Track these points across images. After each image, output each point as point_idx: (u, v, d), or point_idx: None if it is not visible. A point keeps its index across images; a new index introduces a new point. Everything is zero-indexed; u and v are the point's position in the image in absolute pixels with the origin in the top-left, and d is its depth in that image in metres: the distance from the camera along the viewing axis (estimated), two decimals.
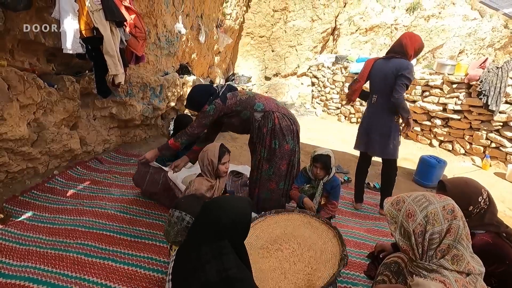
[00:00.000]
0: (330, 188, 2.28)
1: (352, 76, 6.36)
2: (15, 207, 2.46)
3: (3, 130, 2.35)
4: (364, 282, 1.84)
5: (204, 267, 0.93)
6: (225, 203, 1.06)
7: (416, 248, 1.11)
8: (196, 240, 1.00)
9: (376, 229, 2.51)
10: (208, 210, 1.05)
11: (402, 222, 1.15)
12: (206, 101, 2.25)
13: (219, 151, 1.97)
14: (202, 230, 1.01)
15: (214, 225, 0.99)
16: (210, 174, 1.99)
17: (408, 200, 1.18)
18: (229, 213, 1.01)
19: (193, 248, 0.99)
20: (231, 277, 0.92)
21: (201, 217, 1.04)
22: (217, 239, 0.97)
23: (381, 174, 2.80)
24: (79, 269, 1.80)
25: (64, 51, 2.17)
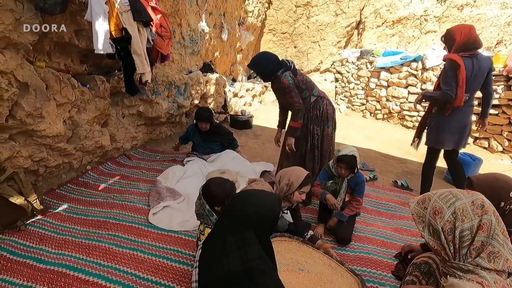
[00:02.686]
0: (354, 185, 2.22)
1: (378, 71, 6.14)
2: (52, 199, 2.64)
3: (42, 127, 2.51)
4: (391, 283, 1.78)
5: (228, 256, 0.94)
6: (253, 196, 1.06)
7: (448, 247, 1.06)
8: (223, 229, 1.02)
9: (405, 228, 2.41)
10: (236, 201, 1.06)
11: (430, 221, 1.11)
12: (277, 71, 2.41)
13: (304, 179, 1.82)
14: (229, 220, 1.03)
15: (240, 216, 1.01)
16: (281, 193, 1.85)
17: (434, 198, 1.13)
18: (256, 205, 1.02)
19: (219, 237, 1.01)
20: (254, 268, 0.92)
21: (229, 208, 1.06)
22: (242, 229, 0.98)
23: (452, 172, 3.00)
24: (111, 258, 1.89)
25: (96, 51, 2.27)
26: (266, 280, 0.93)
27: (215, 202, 1.60)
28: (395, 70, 5.79)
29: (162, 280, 1.73)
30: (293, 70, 2.45)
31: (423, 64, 5.24)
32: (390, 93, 5.83)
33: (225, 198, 1.58)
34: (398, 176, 3.56)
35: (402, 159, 4.16)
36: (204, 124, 3.13)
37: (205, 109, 3.25)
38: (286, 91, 2.40)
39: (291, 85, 2.38)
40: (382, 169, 3.73)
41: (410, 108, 5.52)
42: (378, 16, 7.30)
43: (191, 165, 3.08)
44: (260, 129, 5.17)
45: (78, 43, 2.80)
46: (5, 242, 2.03)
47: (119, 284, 1.68)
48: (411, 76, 5.50)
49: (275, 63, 2.44)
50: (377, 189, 3.13)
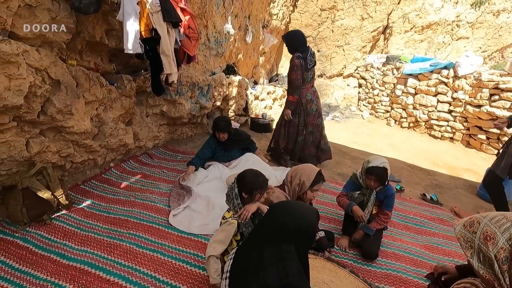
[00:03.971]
0: (383, 197, 2.10)
1: (405, 78, 5.91)
2: (77, 194, 2.69)
3: (70, 124, 2.57)
4: None
5: (266, 269, 0.91)
6: (294, 209, 1.02)
7: (502, 278, 0.95)
8: (260, 240, 0.98)
9: (435, 246, 2.26)
10: (276, 212, 1.02)
11: (480, 247, 0.99)
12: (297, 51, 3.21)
13: (315, 177, 1.79)
14: (268, 231, 0.99)
15: (280, 228, 0.97)
16: (294, 194, 1.83)
17: (484, 221, 1.01)
18: (298, 218, 0.98)
19: (256, 248, 0.97)
20: (292, 284, 0.88)
21: (268, 219, 1.02)
22: (282, 242, 0.94)
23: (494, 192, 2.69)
24: (131, 258, 1.89)
25: (126, 51, 2.30)
26: None
27: (244, 188, 1.60)
28: (423, 77, 5.55)
29: (182, 285, 1.70)
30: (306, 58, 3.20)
31: (455, 72, 4.98)
32: (418, 101, 5.60)
33: (254, 189, 1.59)
34: (426, 188, 3.38)
35: (430, 170, 3.96)
36: (222, 134, 3.05)
37: (222, 119, 3.14)
38: (294, 69, 3.16)
39: (298, 66, 3.15)
40: (408, 181, 3.56)
41: (439, 117, 5.27)
42: (407, 21, 7.05)
43: (212, 169, 3.05)
44: None
45: (108, 42, 2.86)
46: (31, 235, 2.08)
47: (139, 286, 1.67)
48: (441, 84, 5.25)
49: (301, 44, 3.23)
50: (404, 202, 2.98)
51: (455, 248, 2.24)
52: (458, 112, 4.99)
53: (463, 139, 5.03)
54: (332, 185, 3.25)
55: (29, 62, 2.05)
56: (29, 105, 2.18)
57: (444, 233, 2.45)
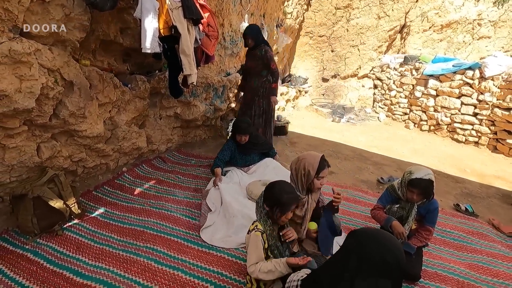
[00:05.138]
0: (425, 212, 1.91)
1: (425, 79, 5.66)
2: (89, 201, 2.55)
3: (83, 127, 2.43)
4: None
5: None
6: (386, 239, 0.90)
7: None
8: (348, 272, 0.86)
9: (480, 265, 2.05)
10: (369, 241, 0.90)
11: None
12: (262, 42, 3.38)
13: (319, 163, 1.69)
14: (360, 262, 0.87)
15: (378, 261, 0.85)
16: (302, 186, 1.73)
17: None
18: (395, 251, 0.87)
19: (342, 279, 0.87)
20: None
21: (358, 248, 0.89)
22: (379, 277, 0.84)
23: None
24: (150, 277, 1.73)
25: (143, 50, 2.14)
26: None
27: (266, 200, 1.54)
28: (445, 78, 5.30)
29: None
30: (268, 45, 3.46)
31: (481, 73, 4.72)
32: (439, 103, 5.34)
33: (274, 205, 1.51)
34: (457, 198, 3.16)
35: (458, 178, 3.73)
36: (244, 137, 2.88)
37: (243, 120, 2.97)
38: (272, 60, 3.34)
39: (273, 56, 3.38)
40: (437, 189, 3.24)
41: (463, 120, 5.01)
42: (426, 19, 6.79)
43: (231, 175, 2.88)
44: (297, 136, 4.91)
45: (123, 41, 2.71)
46: (42, 248, 1.94)
47: None
48: (465, 85, 4.99)
49: (262, 37, 3.44)
50: (440, 214, 2.75)
51: (504, 268, 2.02)
52: (484, 115, 4.73)
53: (489, 143, 4.76)
54: (356, 193, 3.05)
55: (41, 62, 1.91)
56: (40, 108, 2.04)
57: (488, 250, 2.24)
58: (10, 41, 1.68)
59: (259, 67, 3.37)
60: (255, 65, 3.38)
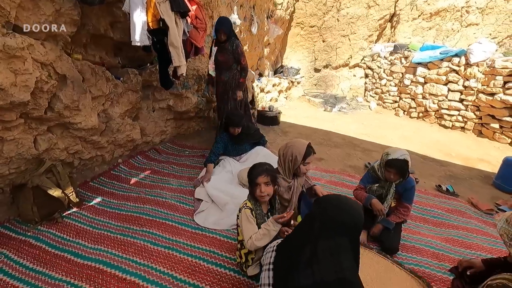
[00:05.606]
0: (402, 190, 2.04)
1: (414, 67, 5.77)
2: (86, 191, 2.65)
3: (78, 120, 2.51)
4: None
5: (320, 262, 0.91)
6: (345, 203, 1.03)
7: None
8: (312, 235, 0.98)
9: (455, 238, 2.20)
10: (330, 208, 1.02)
11: None
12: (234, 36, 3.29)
13: (305, 150, 1.81)
14: (321, 226, 0.99)
15: (335, 222, 0.98)
16: (289, 171, 1.84)
17: None
18: (351, 212, 0.99)
19: (308, 242, 0.97)
20: (347, 279, 0.90)
21: (320, 213, 1.01)
22: (336, 235, 0.95)
23: None
24: (146, 256, 1.84)
25: (133, 43, 2.22)
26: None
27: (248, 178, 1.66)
28: (433, 66, 5.41)
29: (200, 283, 1.66)
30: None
31: (467, 60, 4.84)
32: (427, 90, 5.47)
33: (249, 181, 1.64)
34: (440, 180, 3.31)
35: (443, 161, 3.88)
36: (237, 129, 3.00)
37: (235, 114, 3.07)
38: (243, 55, 3.32)
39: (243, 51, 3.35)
40: (422, 172, 3.48)
41: (450, 106, 5.15)
42: (415, 8, 6.86)
43: (223, 164, 2.99)
44: (289, 126, 5.02)
45: (113, 35, 2.77)
46: (43, 234, 2.05)
47: (157, 285, 1.62)
48: (452, 72, 5.12)
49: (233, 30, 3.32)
50: (419, 194, 2.90)
51: (477, 241, 2.17)
52: (470, 101, 4.87)
53: (474, 128, 4.92)
54: (343, 177, 3.18)
55: (34, 57, 1.98)
56: (36, 101, 2.12)
57: (464, 225, 2.39)
58: (4, 37, 1.75)
59: (230, 61, 3.29)
60: (226, 59, 3.26)
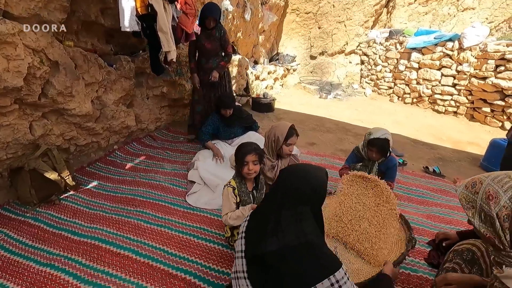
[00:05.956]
0: (385, 169, 2.12)
1: (408, 52, 5.77)
2: (83, 176, 2.74)
3: (72, 106, 2.57)
4: (424, 269, 1.70)
5: (284, 230, 0.96)
6: (305, 171, 1.07)
7: (503, 235, 0.97)
8: (276, 205, 1.03)
9: (437, 215, 2.29)
10: (288, 176, 1.06)
11: (482, 206, 1.01)
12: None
13: (288, 131, 1.91)
14: (282, 195, 1.03)
15: (294, 192, 1.01)
16: (273, 151, 1.94)
17: (486, 181, 1.02)
18: (310, 180, 1.03)
19: (272, 212, 1.02)
20: (310, 242, 0.94)
21: (282, 183, 1.06)
22: (297, 204, 0.99)
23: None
24: (140, 233, 1.94)
25: (122, 29, 2.26)
26: (322, 254, 0.95)
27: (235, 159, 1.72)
28: (427, 51, 5.42)
29: (190, 256, 1.75)
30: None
31: (460, 44, 4.85)
32: (421, 76, 5.49)
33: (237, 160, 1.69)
34: (429, 162, 3.39)
35: (433, 145, 3.95)
36: (228, 111, 3.06)
37: (226, 96, 3.14)
38: (229, 42, 3.29)
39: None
40: (411, 155, 3.56)
41: (443, 91, 5.19)
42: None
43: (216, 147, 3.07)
44: (283, 113, 5.08)
45: (104, 22, 2.80)
46: (41, 215, 2.14)
47: (149, 258, 1.72)
48: (445, 57, 5.13)
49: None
50: (406, 175, 2.99)
51: (457, 217, 2.27)
52: (462, 85, 4.91)
53: (467, 112, 4.97)
54: (333, 160, 3.26)
55: (25, 43, 2.02)
56: (29, 87, 2.17)
57: (446, 203, 2.48)
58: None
59: (218, 48, 3.22)
60: (214, 46, 3.18)
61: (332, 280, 0.87)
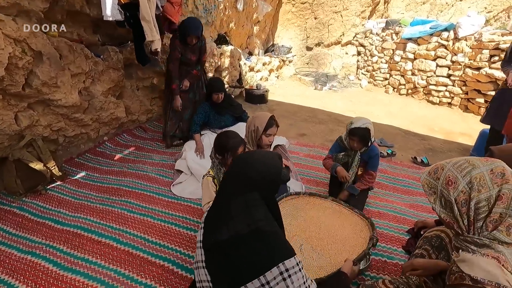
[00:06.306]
0: (367, 158, 2.11)
1: (404, 42, 5.70)
2: (71, 167, 2.76)
3: (57, 96, 2.57)
4: (401, 257, 1.73)
5: (233, 218, 0.94)
6: (253, 157, 1.04)
7: (461, 220, 0.97)
8: (227, 192, 1.01)
9: (420, 204, 2.31)
10: (236, 164, 1.04)
11: (442, 192, 1.01)
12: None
13: (267, 121, 1.90)
14: (232, 183, 1.01)
15: (242, 179, 0.99)
16: (253, 141, 1.94)
17: (447, 167, 1.02)
18: (257, 166, 1.00)
19: (224, 201, 1.00)
20: (260, 229, 0.91)
21: (231, 171, 1.04)
22: (245, 192, 0.96)
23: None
24: (122, 222, 1.97)
25: (104, 18, 2.24)
26: (274, 241, 0.92)
27: (217, 150, 1.69)
28: (423, 41, 5.35)
29: (170, 244, 1.78)
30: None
31: (455, 34, 4.79)
32: (417, 66, 5.44)
33: (224, 151, 1.66)
34: (418, 152, 3.39)
35: (424, 135, 3.94)
36: (220, 95, 3.04)
37: (216, 79, 3.14)
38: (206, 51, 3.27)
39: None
40: (401, 146, 3.56)
41: (438, 82, 5.14)
42: None
43: (204, 139, 3.06)
44: (276, 104, 5.06)
45: (90, 11, 2.77)
46: (27, 204, 2.16)
47: (129, 246, 1.75)
48: (440, 47, 5.07)
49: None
50: (394, 165, 3.00)
51: None
52: (457, 76, 4.86)
53: (461, 103, 4.94)
54: (322, 151, 3.27)
55: (6, 32, 2.01)
56: (12, 77, 2.17)
57: None
58: None
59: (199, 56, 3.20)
60: (197, 56, 3.16)
61: (282, 268, 0.86)
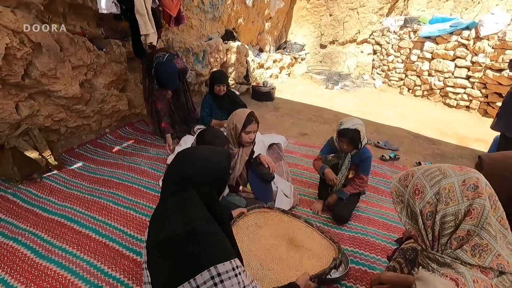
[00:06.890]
0: (358, 161, 2.01)
1: (422, 41, 5.41)
2: (71, 157, 2.82)
3: (57, 87, 2.63)
4: (383, 267, 1.63)
5: (169, 218, 0.89)
6: (195, 154, 0.98)
7: (425, 234, 0.87)
8: (165, 191, 0.97)
9: None
10: (177, 160, 0.98)
11: (409, 201, 0.91)
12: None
13: (245, 118, 1.83)
14: (170, 181, 0.96)
15: (180, 176, 0.93)
16: (233, 140, 1.89)
17: (417, 174, 0.91)
18: (197, 162, 0.94)
19: (162, 199, 0.96)
20: (197, 229, 0.86)
21: (170, 168, 0.98)
22: (182, 189, 0.91)
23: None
24: (105, 214, 1.99)
25: (100, 11, 2.26)
26: (209, 243, 0.86)
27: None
28: (442, 40, 5.06)
29: None
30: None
31: (477, 32, 4.48)
32: (434, 67, 5.16)
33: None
34: (425, 157, 3.20)
35: (435, 140, 3.73)
36: (222, 87, 3.01)
37: (220, 71, 3.17)
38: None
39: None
40: (408, 149, 3.38)
41: (456, 84, 4.85)
42: None
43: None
44: (283, 102, 4.97)
45: (92, 5, 2.82)
46: (21, 191, 2.24)
47: (106, 238, 1.76)
48: (460, 46, 4.77)
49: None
50: (396, 170, 2.85)
51: None
52: (476, 77, 4.55)
53: (480, 107, 4.63)
54: (316, 150, 3.16)
55: (3, 23, 2.07)
56: (11, 67, 2.23)
57: None
58: None
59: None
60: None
61: (213, 272, 0.80)
